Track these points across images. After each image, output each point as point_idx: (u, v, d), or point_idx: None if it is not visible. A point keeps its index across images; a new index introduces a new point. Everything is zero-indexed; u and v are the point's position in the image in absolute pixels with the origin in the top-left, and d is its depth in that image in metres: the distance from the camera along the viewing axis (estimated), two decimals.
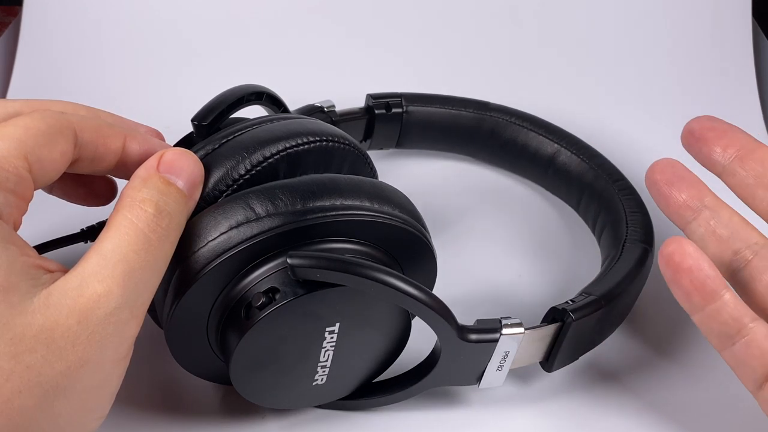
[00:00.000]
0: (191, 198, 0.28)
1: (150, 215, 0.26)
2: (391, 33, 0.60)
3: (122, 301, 0.25)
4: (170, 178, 0.27)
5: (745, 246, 0.31)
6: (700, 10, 0.61)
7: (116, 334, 0.25)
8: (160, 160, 0.27)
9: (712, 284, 0.29)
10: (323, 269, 0.27)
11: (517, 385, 0.36)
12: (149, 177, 0.27)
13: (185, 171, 0.27)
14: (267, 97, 0.36)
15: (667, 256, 0.29)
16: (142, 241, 0.25)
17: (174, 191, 0.27)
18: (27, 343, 0.23)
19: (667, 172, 0.33)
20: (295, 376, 0.30)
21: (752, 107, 0.58)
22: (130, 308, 0.25)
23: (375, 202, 0.30)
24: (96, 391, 0.25)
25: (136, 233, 0.25)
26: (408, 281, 0.28)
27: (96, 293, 0.24)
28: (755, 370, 0.29)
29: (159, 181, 0.27)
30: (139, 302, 0.26)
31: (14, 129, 0.26)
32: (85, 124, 0.28)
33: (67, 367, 0.24)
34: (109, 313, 0.24)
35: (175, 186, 0.27)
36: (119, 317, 0.25)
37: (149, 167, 0.27)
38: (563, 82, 0.59)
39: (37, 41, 0.56)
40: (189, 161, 0.28)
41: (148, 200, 0.26)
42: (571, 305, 0.33)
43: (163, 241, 0.26)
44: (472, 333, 0.30)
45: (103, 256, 0.25)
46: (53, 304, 0.24)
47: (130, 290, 0.25)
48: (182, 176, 0.27)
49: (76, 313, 0.24)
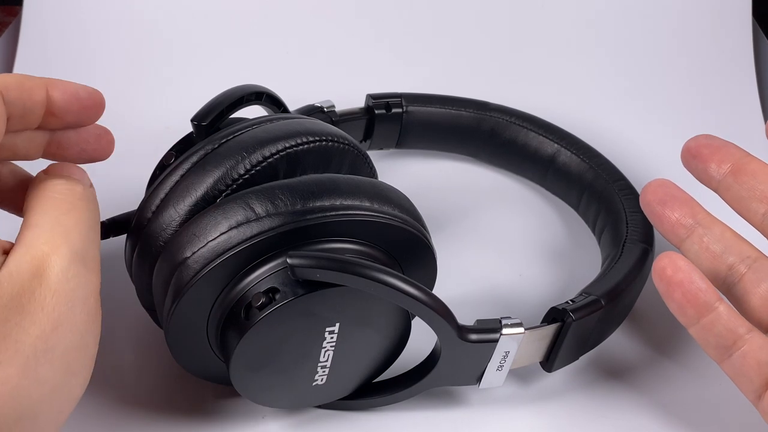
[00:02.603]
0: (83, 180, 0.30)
1: (63, 184, 0.28)
2: (392, 33, 0.60)
3: (71, 255, 0.26)
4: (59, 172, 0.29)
5: (739, 260, 0.32)
6: (700, 10, 0.61)
7: (78, 288, 0.26)
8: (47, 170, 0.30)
9: (705, 297, 0.30)
10: (323, 269, 0.27)
11: (517, 385, 0.36)
12: (43, 177, 0.29)
13: (65, 168, 0.29)
14: (267, 97, 0.36)
15: (659, 270, 0.30)
16: (66, 204, 0.27)
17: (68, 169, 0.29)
18: (1, 314, 0.24)
19: (659, 192, 0.33)
20: (295, 377, 0.30)
21: (752, 107, 0.58)
22: (81, 260, 0.26)
23: (375, 202, 0.30)
24: (75, 352, 0.26)
25: (57, 201, 0.27)
26: (408, 281, 0.28)
27: (45, 253, 0.25)
28: (753, 380, 0.30)
29: (52, 176, 0.29)
30: (88, 255, 0.27)
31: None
32: (7, 81, 0.29)
33: (42, 330, 0.24)
34: (64, 269, 0.25)
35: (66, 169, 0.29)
36: (74, 271, 0.26)
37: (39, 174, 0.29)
38: (563, 82, 0.59)
39: (37, 41, 0.56)
40: (68, 165, 0.30)
41: (59, 183, 0.28)
42: (571, 305, 0.33)
43: (85, 201, 0.28)
44: (472, 333, 0.30)
45: (36, 226, 0.26)
46: (14, 271, 0.25)
47: (75, 245, 0.26)
48: (65, 171, 0.29)
49: (35, 275, 0.25)
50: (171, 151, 0.33)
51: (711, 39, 0.61)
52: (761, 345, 0.29)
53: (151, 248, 0.30)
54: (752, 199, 0.32)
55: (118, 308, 0.35)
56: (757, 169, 0.32)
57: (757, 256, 0.32)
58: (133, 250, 0.31)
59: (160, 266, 0.29)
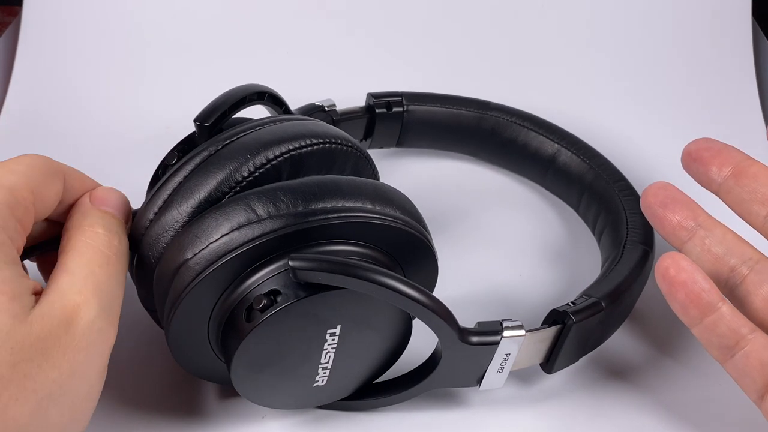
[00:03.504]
0: (124, 221, 0.31)
1: (102, 235, 0.29)
2: (392, 32, 0.60)
3: (99, 309, 0.27)
4: (105, 209, 0.30)
5: (741, 262, 0.32)
6: (700, 10, 0.61)
7: (99, 342, 0.27)
8: (91, 197, 0.30)
9: (708, 297, 0.30)
10: (324, 272, 0.27)
11: (517, 387, 0.36)
12: (87, 210, 0.30)
13: (112, 201, 0.31)
14: (269, 97, 0.36)
15: (662, 270, 0.30)
16: (102, 257, 0.28)
17: (110, 216, 0.30)
18: (26, 352, 0.24)
19: (660, 194, 0.33)
20: (296, 378, 0.30)
21: (752, 107, 0.58)
22: (106, 316, 0.27)
23: (377, 204, 0.30)
24: (83, 400, 0.27)
25: (95, 251, 0.28)
26: (409, 284, 0.28)
27: (77, 303, 0.26)
28: (756, 381, 0.30)
29: (97, 211, 0.30)
30: (113, 311, 0.28)
31: (19, 165, 0.28)
32: (72, 172, 0.31)
33: (59, 374, 0.25)
34: (90, 321, 0.26)
35: (109, 213, 0.30)
36: (99, 325, 0.27)
37: (84, 203, 0.30)
38: (563, 81, 0.59)
39: (37, 41, 0.56)
40: (114, 194, 0.31)
41: (96, 224, 0.29)
42: (571, 307, 0.33)
43: (119, 256, 0.29)
44: (473, 335, 0.31)
45: (72, 274, 0.27)
46: (45, 314, 0.25)
47: (104, 300, 0.27)
48: (110, 205, 0.30)
49: (64, 322, 0.26)
50: (173, 150, 0.33)
51: (711, 39, 0.61)
52: (764, 345, 0.29)
53: (152, 249, 0.30)
54: (753, 202, 0.32)
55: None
56: (758, 172, 0.32)
57: (759, 258, 0.32)
58: (134, 252, 0.31)
59: (162, 267, 0.29)
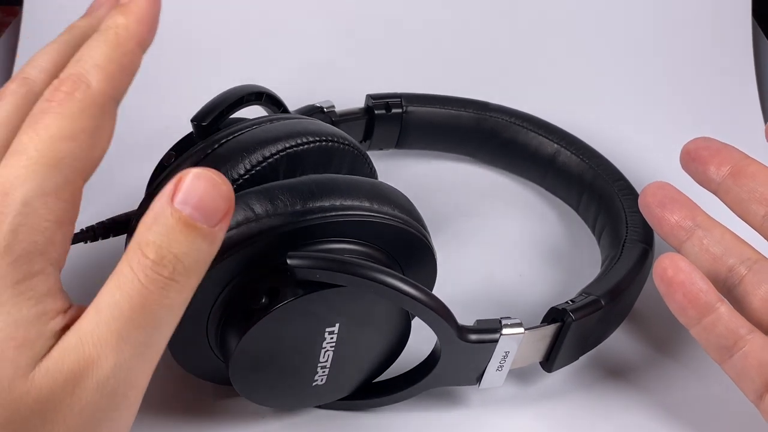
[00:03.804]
0: (213, 236, 0.23)
1: (149, 263, 0.22)
2: (391, 33, 0.60)
3: (116, 368, 0.22)
4: (185, 211, 0.22)
5: (739, 262, 0.32)
6: (700, 10, 0.61)
7: (111, 407, 0.22)
8: (177, 187, 0.22)
9: (706, 297, 0.30)
10: (323, 269, 0.27)
11: (517, 386, 0.36)
12: (161, 211, 0.22)
13: (207, 199, 0.22)
14: (267, 98, 0.36)
15: (660, 271, 0.30)
16: (139, 294, 0.22)
17: (187, 230, 0.22)
18: (23, 412, 0.21)
19: (659, 194, 0.33)
20: (295, 377, 0.30)
21: (752, 107, 0.58)
22: (127, 375, 0.22)
23: (374, 203, 0.30)
24: None
25: (132, 285, 0.22)
26: (407, 281, 0.28)
27: (90, 359, 0.21)
28: (754, 381, 0.30)
29: (170, 217, 0.22)
30: (138, 367, 0.22)
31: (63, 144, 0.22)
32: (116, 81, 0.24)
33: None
34: (101, 383, 0.21)
35: (189, 221, 0.22)
36: (113, 387, 0.22)
37: (163, 198, 0.22)
38: (563, 82, 0.59)
39: (37, 41, 0.56)
40: (210, 184, 0.22)
41: (152, 243, 0.22)
42: (571, 305, 0.33)
43: (167, 292, 0.22)
44: (472, 333, 0.30)
45: (98, 312, 0.22)
46: (51, 369, 0.21)
47: (127, 354, 0.22)
48: (203, 206, 0.22)
49: (71, 381, 0.21)
50: (171, 151, 0.33)
51: (711, 39, 0.61)
52: (762, 345, 0.29)
53: None
54: (752, 201, 0.32)
55: None
56: (757, 172, 0.32)
57: (758, 258, 0.32)
58: None
59: None
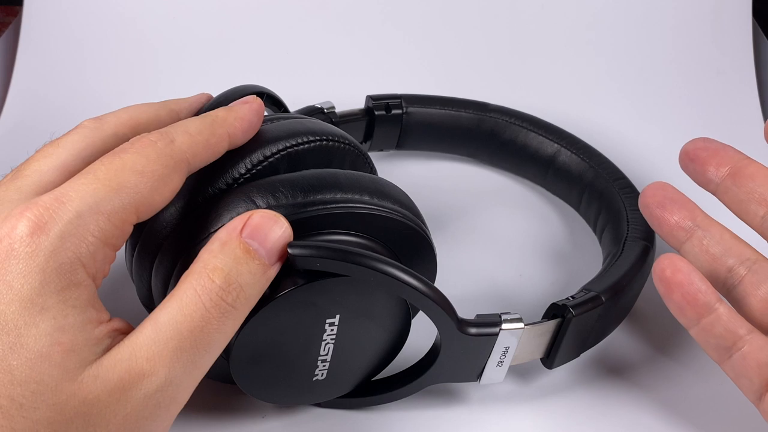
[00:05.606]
0: (271, 269, 0.25)
1: (216, 288, 0.24)
2: (391, 34, 0.60)
3: (165, 383, 0.23)
4: (252, 245, 0.25)
5: (738, 262, 0.32)
6: (700, 10, 0.61)
7: (153, 417, 0.23)
8: (246, 222, 0.25)
9: (704, 298, 0.30)
10: (323, 258, 0.27)
11: (517, 383, 0.36)
12: (229, 241, 0.25)
13: (271, 238, 0.25)
14: (267, 98, 0.36)
15: (659, 271, 0.30)
16: (200, 316, 0.23)
17: (252, 261, 0.25)
18: (67, 413, 0.22)
19: (658, 195, 0.33)
20: (296, 370, 0.30)
21: (752, 107, 0.58)
22: (173, 391, 0.24)
23: (375, 197, 0.30)
24: None
25: (195, 306, 0.24)
26: (408, 271, 0.28)
27: (141, 372, 0.23)
28: (753, 381, 0.30)
29: (238, 248, 0.24)
30: (184, 384, 0.24)
31: (131, 176, 0.24)
32: (197, 149, 0.26)
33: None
34: (149, 395, 0.23)
35: (255, 255, 0.25)
36: (159, 400, 0.23)
37: (232, 230, 0.25)
38: (562, 82, 0.59)
39: (37, 41, 0.56)
40: (277, 226, 0.25)
41: (220, 269, 0.24)
42: (571, 301, 0.33)
43: (225, 318, 0.24)
44: (471, 327, 0.31)
45: (157, 329, 0.23)
46: (101, 376, 0.23)
47: (178, 372, 0.23)
48: (266, 243, 0.25)
49: (119, 389, 0.23)
50: None
51: (711, 39, 0.61)
52: (761, 346, 0.29)
53: (151, 246, 0.30)
54: (751, 202, 0.32)
55: (117, 308, 0.35)
56: (756, 172, 0.32)
57: (757, 258, 0.32)
58: (133, 249, 0.31)
59: (161, 261, 0.29)
